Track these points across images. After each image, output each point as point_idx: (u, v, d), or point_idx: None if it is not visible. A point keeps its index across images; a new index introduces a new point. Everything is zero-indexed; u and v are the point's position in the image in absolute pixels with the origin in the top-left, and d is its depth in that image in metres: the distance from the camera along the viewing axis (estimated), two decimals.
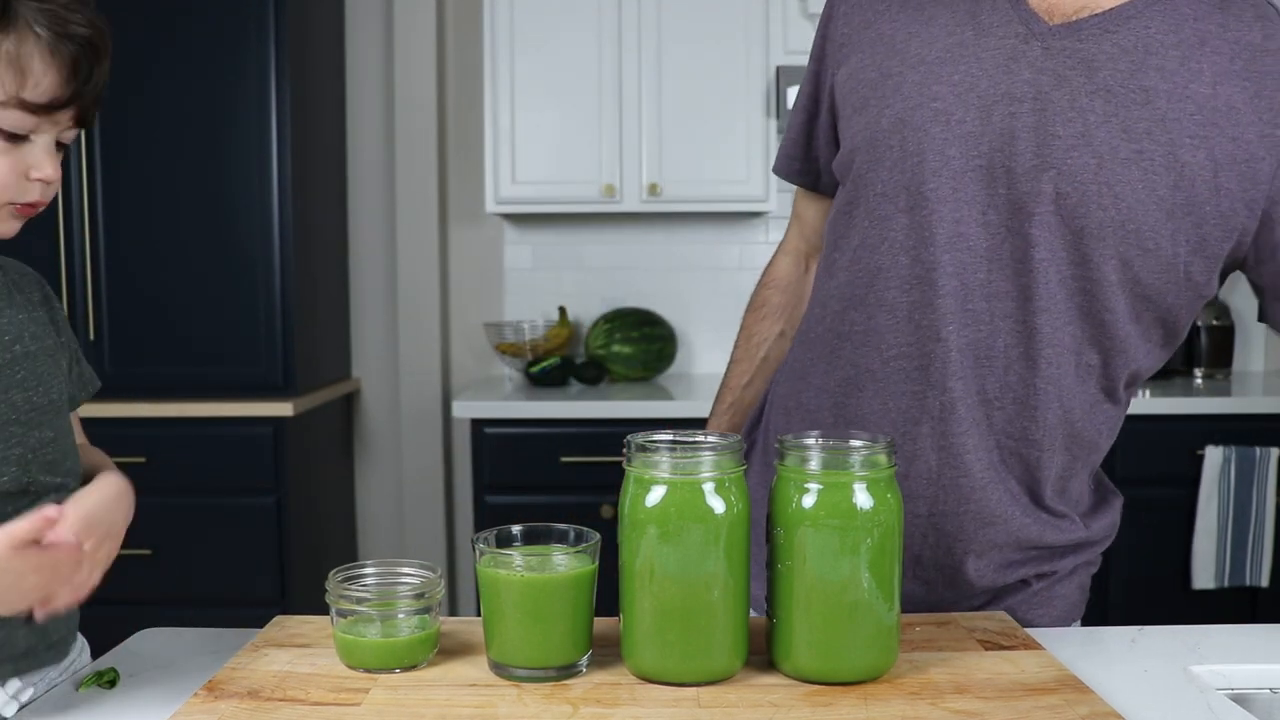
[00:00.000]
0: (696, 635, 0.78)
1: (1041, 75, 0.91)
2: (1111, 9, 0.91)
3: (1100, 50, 0.90)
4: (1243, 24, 0.91)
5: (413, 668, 0.82)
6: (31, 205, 0.79)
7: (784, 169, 1.19)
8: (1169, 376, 3.02)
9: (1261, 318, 1.01)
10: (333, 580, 0.84)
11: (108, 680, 0.83)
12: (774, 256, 1.28)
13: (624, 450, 0.80)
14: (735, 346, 1.27)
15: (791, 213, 1.25)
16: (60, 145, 0.80)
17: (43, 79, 0.73)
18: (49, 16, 0.73)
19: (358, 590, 0.84)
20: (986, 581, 1.02)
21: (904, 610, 0.98)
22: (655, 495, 0.78)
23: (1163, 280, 0.93)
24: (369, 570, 0.87)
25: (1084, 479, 1.05)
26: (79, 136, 0.80)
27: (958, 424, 0.96)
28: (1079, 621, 1.09)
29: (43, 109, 0.74)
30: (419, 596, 0.84)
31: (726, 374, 1.27)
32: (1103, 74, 0.90)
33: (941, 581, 1.03)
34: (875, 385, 1.00)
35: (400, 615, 0.83)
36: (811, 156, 1.15)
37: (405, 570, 0.88)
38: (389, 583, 0.87)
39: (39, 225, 0.83)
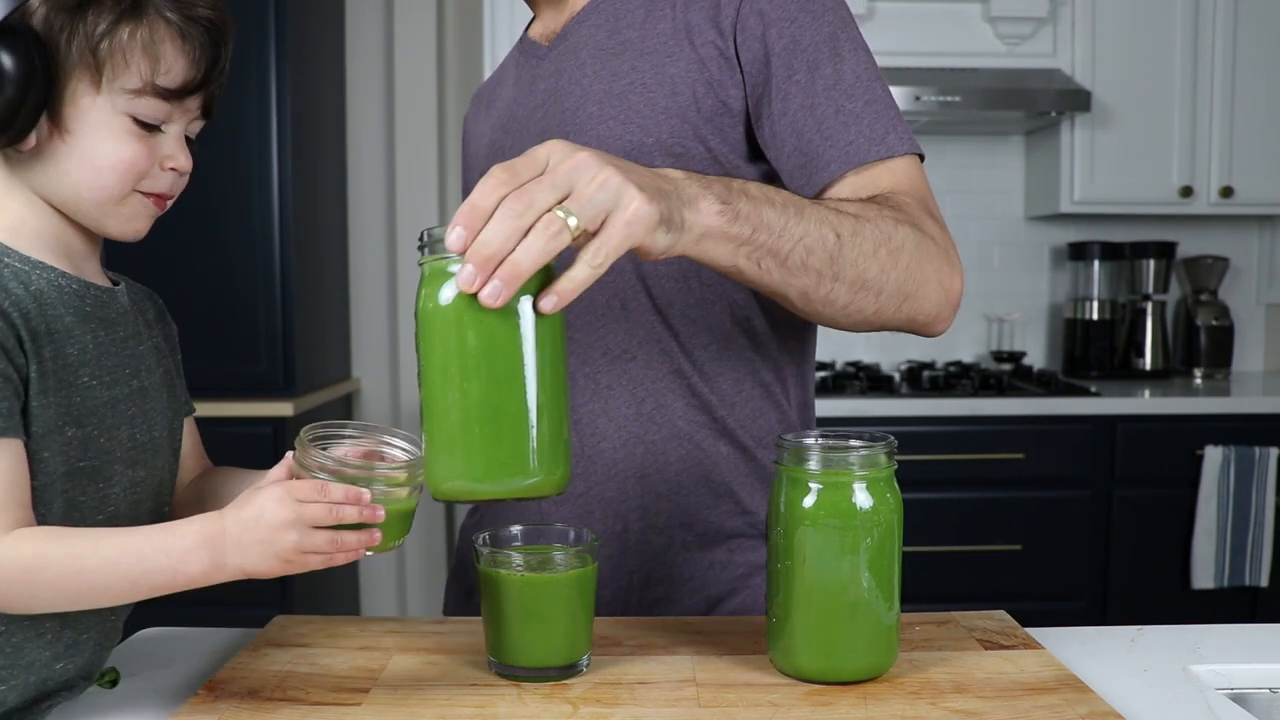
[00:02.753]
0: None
1: (549, 79, 1.05)
2: (584, 7, 1.05)
3: (580, 37, 1.04)
4: None
5: (383, 549, 0.75)
6: (161, 197, 0.80)
7: None
8: (1169, 377, 3.02)
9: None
10: (304, 439, 0.75)
11: (108, 680, 0.83)
12: None
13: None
14: None
15: None
16: (189, 140, 0.81)
17: (174, 64, 0.76)
18: (174, 4, 0.75)
19: (333, 459, 0.74)
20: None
21: (610, 589, 1.02)
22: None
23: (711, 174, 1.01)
24: (348, 433, 0.79)
25: (772, 413, 1.05)
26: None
27: (579, 395, 1.01)
28: None
29: (175, 94, 0.76)
30: (405, 472, 0.76)
31: None
32: (584, 51, 1.03)
33: (623, 551, 1.03)
34: None
35: (379, 488, 0.74)
36: None
37: (389, 440, 0.79)
38: (369, 448, 0.79)
39: None
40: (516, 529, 0.87)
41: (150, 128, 0.76)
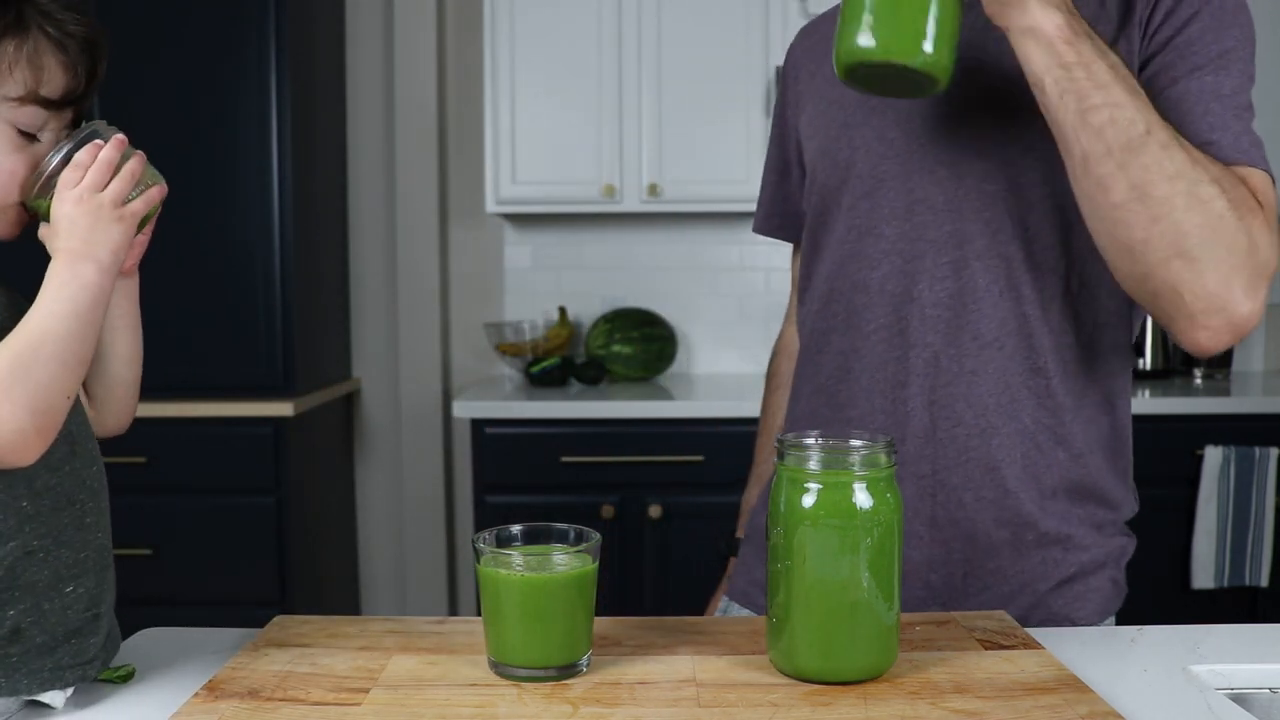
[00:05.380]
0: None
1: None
2: None
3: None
4: None
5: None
6: None
7: (765, 226, 1.29)
8: (1169, 377, 3.02)
9: None
10: (34, 193, 0.79)
11: (121, 675, 0.83)
12: (781, 329, 1.35)
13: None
14: (759, 423, 1.35)
15: (791, 283, 1.32)
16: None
17: (55, 76, 0.79)
18: (53, 20, 0.79)
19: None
20: (1001, 535, 1.04)
21: (939, 574, 1.04)
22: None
23: None
24: (57, 161, 0.79)
25: (1105, 421, 1.06)
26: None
27: (942, 375, 1.02)
28: (1114, 618, 1.11)
29: (55, 104, 0.80)
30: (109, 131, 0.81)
31: (754, 450, 1.34)
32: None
33: (958, 538, 1.04)
34: (861, 363, 1.07)
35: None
36: (790, 210, 1.24)
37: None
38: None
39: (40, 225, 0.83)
40: (517, 528, 0.87)
41: (29, 136, 0.79)
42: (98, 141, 0.80)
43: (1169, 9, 0.95)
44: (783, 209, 1.25)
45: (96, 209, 0.78)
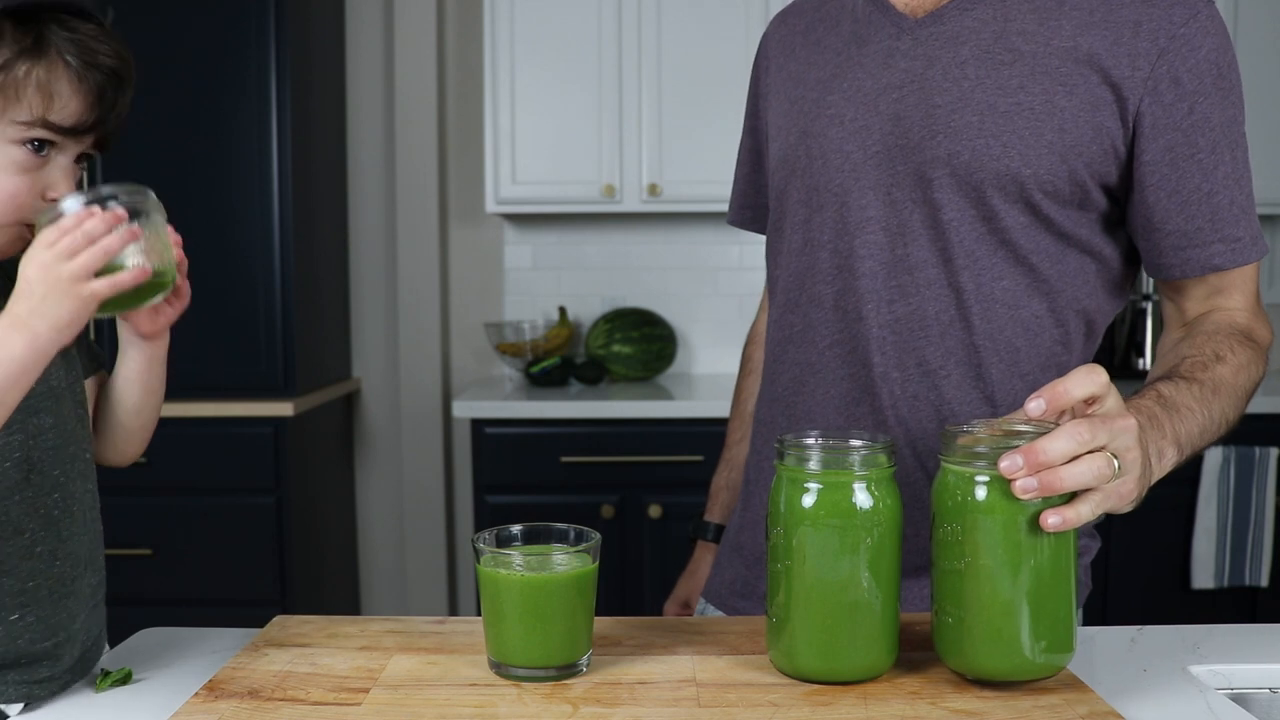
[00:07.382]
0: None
1: (915, 62, 1.00)
2: None
3: (962, 27, 0.99)
4: None
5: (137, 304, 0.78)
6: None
7: (738, 219, 1.28)
8: None
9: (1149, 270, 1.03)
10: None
11: (118, 679, 0.83)
12: (756, 316, 1.35)
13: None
14: (731, 407, 1.35)
15: (766, 271, 1.31)
16: (79, 159, 0.82)
17: (69, 103, 0.77)
18: (78, 46, 0.77)
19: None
20: None
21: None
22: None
23: (1074, 219, 0.98)
24: (67, 204, 0.75)
25: None
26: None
27: (888, 398, 1.01)
28: (1081, 610, 1.10)
29: (66, 131, 0.77)
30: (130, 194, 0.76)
31: (726, 434, 1.35)
32: (968, 46, 0.98)
33: (915, 566, 1.02)
34: (816, 378, 1.06)
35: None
36: (762, 203, 1.23)
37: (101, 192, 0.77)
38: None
39: None
40: (517, 528, 0.87)
41: (40, 157, 0.77)
42: (93, 209, 0.74)
43: (1162, 88, 0.94)
44: (754, 201, 1.24)
45: (56, 280, 0.72)
